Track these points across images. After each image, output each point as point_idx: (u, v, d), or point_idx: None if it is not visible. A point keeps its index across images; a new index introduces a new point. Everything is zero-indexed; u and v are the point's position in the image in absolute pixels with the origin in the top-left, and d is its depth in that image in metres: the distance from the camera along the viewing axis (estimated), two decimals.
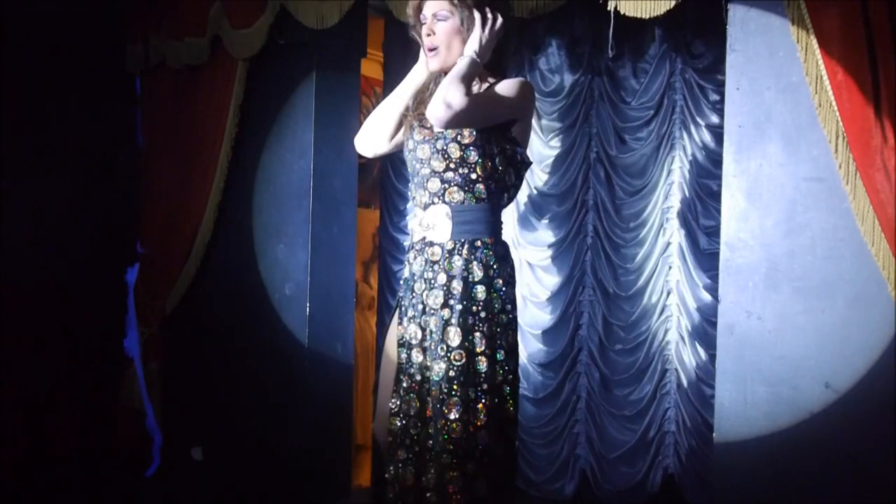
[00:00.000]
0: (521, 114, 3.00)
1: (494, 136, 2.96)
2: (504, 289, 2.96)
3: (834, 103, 3.55)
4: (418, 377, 2.94)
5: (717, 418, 3.79)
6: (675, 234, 4.76)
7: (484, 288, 2.91)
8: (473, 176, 2.95)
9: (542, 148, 5.04)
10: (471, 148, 2.94)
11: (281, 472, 4.86)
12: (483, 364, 2.88)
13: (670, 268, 4.77)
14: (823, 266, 3.64)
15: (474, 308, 2.90)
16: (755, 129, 3.78)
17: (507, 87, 2.98)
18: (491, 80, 3.03)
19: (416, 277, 3.00)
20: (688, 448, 4.63)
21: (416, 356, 2.95)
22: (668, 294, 4.76)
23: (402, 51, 4.77)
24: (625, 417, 4.81)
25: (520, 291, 5.04)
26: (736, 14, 3.82)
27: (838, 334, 3.61)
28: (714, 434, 3.84)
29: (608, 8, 3.87)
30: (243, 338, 5.08)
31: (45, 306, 5.12)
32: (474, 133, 2.92)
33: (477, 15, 2.93)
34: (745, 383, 3.74)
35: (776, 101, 3.74)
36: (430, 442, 2.88)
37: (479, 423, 2.86)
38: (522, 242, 5.09)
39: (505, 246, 3.04)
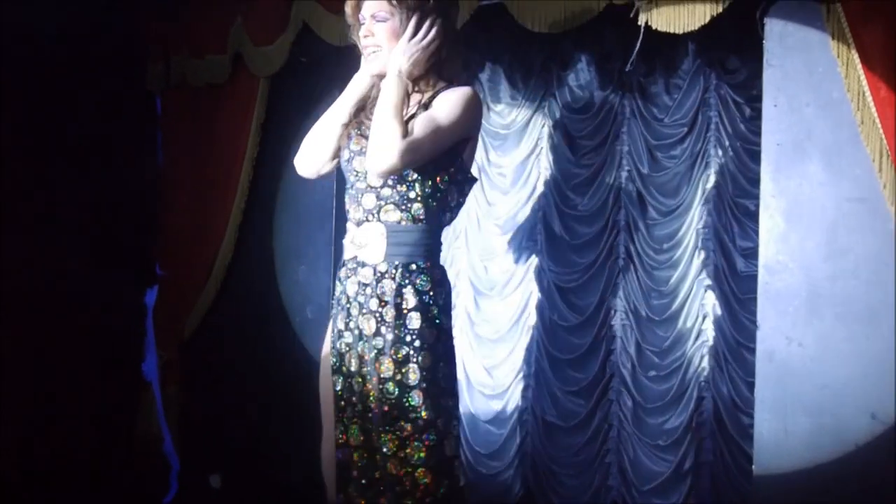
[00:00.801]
0: (469, 133, 2.83)
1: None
2: (440, 317, 2.77)
3: (877, 120, 3.42)
4: (359, 407, 2.79)
5: (757, 449, 3.69)
6: (710, 255, 4.63)
7: (418, 315, 2.73)
8: (412, 194, 2.77)
9: (571, 167, 4.93)
10: None
11: (302, 500, 4.72)
12: (417, 398, 2.71)
13: (706, 291, 4.64)
14: (867, 290, 3.51)
15: (408, 338, 2.73)
16: (794, 148, 3.66)
17: (450, 105, 2.77)
18: (432, 90, 2.83)
19: (350, 300, 2.83)
20: (725, 480, 4.48)
21: (357, 384, 2.80)
22: (704, 318, 4.62)
23: None
24: (659, 447, 4.66)
25: (549, 316, 4.93)
26: (773, 29, 3.71)
27: (883, 362, 3.46)
28: (753, 466, 3.73)
29: (639, 23, 3.77)
30: (263, 362, 5.00)
31: (62, 329, 5.07)
32: None
33: (410, 24, 2.73)
34: (785, 413, 3.61)
35: (816, 118, 3.61)
36: (378, 473, 2.73)
37: (415, 461, 2.70)
38: (551, 264, 4.97)
39: (442, 270, 2.85)
